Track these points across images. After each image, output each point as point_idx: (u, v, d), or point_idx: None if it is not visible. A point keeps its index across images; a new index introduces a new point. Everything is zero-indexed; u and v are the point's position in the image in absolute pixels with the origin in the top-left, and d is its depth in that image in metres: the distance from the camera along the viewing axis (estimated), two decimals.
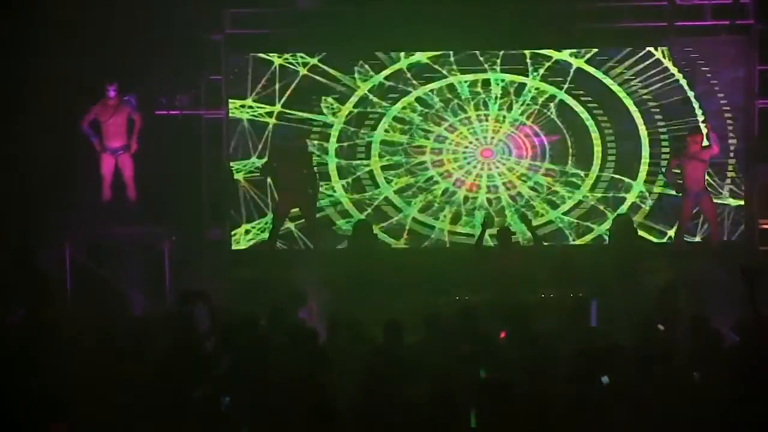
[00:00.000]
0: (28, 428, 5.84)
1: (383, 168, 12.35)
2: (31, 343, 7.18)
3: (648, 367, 6.36)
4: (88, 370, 6.78)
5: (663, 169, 11.72)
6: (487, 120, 12.41)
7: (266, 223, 11.93)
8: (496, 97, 12.37)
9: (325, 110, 11.96)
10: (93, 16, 10.84)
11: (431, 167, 12.33)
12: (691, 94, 11.82)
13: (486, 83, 12.29)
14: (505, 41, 11.82)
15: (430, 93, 12.36)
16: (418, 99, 12.28)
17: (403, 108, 12.32)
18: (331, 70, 11.90)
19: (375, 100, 12.23)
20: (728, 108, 11.63)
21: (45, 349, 7.05)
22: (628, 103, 11.95)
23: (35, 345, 7.12)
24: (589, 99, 12.03)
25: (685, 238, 11.41)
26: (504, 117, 12.37)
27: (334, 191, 12.31)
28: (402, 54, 12.16)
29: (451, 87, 12.34)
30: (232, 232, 11.95)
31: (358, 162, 12.31)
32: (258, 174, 11.82)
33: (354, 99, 12.18)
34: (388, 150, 12.38)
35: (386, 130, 12.32)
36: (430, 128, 12.29)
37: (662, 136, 11.93)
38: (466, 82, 12.31)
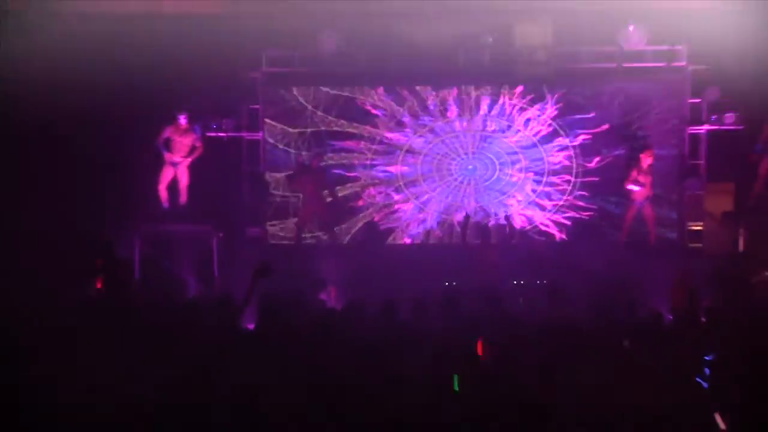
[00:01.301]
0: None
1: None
2: (106, 317, 7.23)
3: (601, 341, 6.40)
4: (154, 341, 6.76)
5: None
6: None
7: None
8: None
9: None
10: (157, 55, 10.84)
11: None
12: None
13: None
14: (488, 78, 11.88)
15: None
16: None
17: None
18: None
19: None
20: (664, 132, 11.69)
21: (120, 323, 6.95)
22: None
23: (110, 319, 7.13)
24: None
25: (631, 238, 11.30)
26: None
27: None
28: None
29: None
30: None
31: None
32: (287, 185, 11.85)
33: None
34: None
35: None
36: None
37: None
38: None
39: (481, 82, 11.95)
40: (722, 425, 5.33)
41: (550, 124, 11.88)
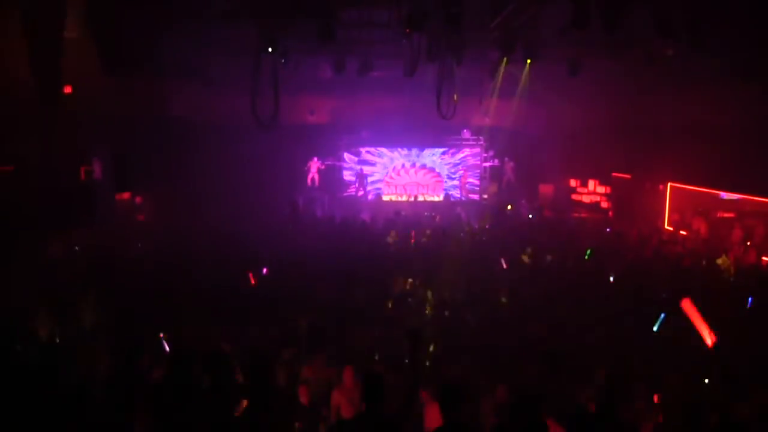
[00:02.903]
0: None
1: None
2: (290, 227, 8.88)
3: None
4: (309, 229, 8.45)
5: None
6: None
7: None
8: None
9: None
10: (302, 137, 11.98)
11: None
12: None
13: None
14: (419, 142, 13.40)
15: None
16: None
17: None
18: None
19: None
20: (478, 167, 13.39)
21: (299, 224, 8.99)
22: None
23: (293, 229, 8.73)
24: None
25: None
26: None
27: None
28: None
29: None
30: None
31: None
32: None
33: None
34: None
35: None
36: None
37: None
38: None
39: (418, 144, 13.48)
40: (504, 264, 5.35)
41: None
